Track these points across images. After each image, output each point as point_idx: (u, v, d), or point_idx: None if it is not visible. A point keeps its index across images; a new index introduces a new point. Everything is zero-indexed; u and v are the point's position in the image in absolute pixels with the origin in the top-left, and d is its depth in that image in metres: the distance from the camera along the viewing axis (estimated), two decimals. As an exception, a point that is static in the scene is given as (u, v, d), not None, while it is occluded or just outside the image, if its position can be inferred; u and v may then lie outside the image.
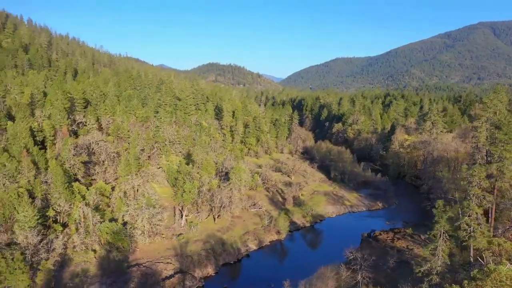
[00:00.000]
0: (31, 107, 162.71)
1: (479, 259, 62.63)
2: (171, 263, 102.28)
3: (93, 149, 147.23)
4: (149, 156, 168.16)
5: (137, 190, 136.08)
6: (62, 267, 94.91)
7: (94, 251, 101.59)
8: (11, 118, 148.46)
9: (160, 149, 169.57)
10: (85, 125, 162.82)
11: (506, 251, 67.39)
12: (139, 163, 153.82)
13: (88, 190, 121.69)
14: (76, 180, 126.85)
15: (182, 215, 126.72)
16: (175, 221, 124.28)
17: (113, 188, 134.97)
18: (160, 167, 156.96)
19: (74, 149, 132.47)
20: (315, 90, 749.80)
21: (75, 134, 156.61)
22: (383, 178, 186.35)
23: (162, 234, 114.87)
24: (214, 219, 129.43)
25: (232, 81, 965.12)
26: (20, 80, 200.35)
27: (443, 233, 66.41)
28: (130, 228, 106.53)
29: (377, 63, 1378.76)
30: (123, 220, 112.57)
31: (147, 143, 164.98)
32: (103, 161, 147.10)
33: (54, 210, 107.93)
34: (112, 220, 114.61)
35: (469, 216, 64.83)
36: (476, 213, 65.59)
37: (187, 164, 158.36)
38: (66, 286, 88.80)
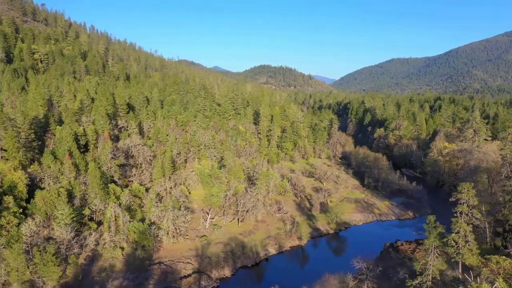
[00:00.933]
0: (80, 112, 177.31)
1: (466, 276, 62.10)
2: (190, 263, 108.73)
3: (131, 152, 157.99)
4: (185, 160, 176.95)
5: (169, 192, 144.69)
6: (92, 262, 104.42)
7: (122, 248, 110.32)
8: (62, 123, 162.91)
9: (196, 153, 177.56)
10: (126, 130, 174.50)
11: (504, 270, 66.35)
12: (174, 166, 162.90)
13: (122, 191, 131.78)
14: (113, 181, 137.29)
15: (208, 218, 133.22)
16: (200, 223, 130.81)
17: (147, 190, 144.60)
18: (193, 171, 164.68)
19: (112, 152, 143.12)
20: (367, 92, 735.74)
21: (117, 138, 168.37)
22: (418, 186, 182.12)
23: (186, 235, 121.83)
24: (238, 222, 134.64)
25: (282, 83, 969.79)
26: (75, 86, 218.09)
27: (435, 248, 66.43)
28: (155, 228, 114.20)
29: (435, 64, 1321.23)
30: (150, 220, 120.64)
31: (183, 147, 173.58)
32: (140, 164, 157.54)
33: (89, 209, 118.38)
34: (142, 220, 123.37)
35: (457, 233, 64.45)
36: (465, 230, 64.94)
37: (219, 168, 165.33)
38: (93, 279, 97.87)
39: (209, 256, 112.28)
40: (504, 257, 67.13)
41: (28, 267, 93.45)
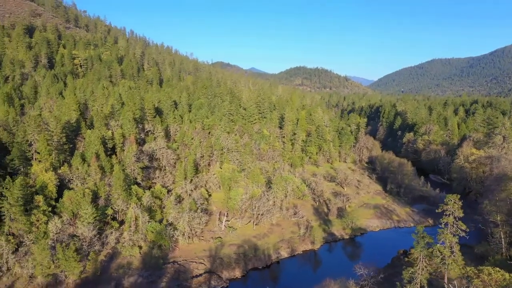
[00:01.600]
0: (111, 116, 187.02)
1: (450, 286, 62.78)
2: (203, 263, 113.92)
3: (156, 155, 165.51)
4: (208, 163, 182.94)
5: (190, 195, 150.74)
6: (112, 259, 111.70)
7: (140, 247, 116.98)
8: (93, 127, 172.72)
9: (218, 157, 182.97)
10: (152, 133, 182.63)
11: (496, 281, 66.66)
12: (197, 169, 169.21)
13: (144, 192, 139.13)
14: (136, 183, 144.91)
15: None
16: (216, 225, 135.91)
17: (169, 192, 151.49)
18: (214, 174, 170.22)
19: (136, 155, 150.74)
20: (405, 94, 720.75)
21: (144, 141, 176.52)
22: (441, 193, 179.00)
23: (202, 236, 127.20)
24: (253, 225, 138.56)
25: (318, 85, 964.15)
26: (108, 90, 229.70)
27: (423, 258, 67.42)
28: (171, 229, 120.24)
29: (479, 64, 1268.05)
30: (167, 221, 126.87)
31: (207, 150, 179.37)
32: (164, 167, 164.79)
33: (112, 209, 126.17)
34: (162, 220, 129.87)
35: (442, 243, 65.24)
36: (451, 241, 65.59)
37: (240, 172, 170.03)
38: (111, 275, 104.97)
39: (221, 257, 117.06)
40: (497, 268, 67.18)
41: (53, 262, 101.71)
